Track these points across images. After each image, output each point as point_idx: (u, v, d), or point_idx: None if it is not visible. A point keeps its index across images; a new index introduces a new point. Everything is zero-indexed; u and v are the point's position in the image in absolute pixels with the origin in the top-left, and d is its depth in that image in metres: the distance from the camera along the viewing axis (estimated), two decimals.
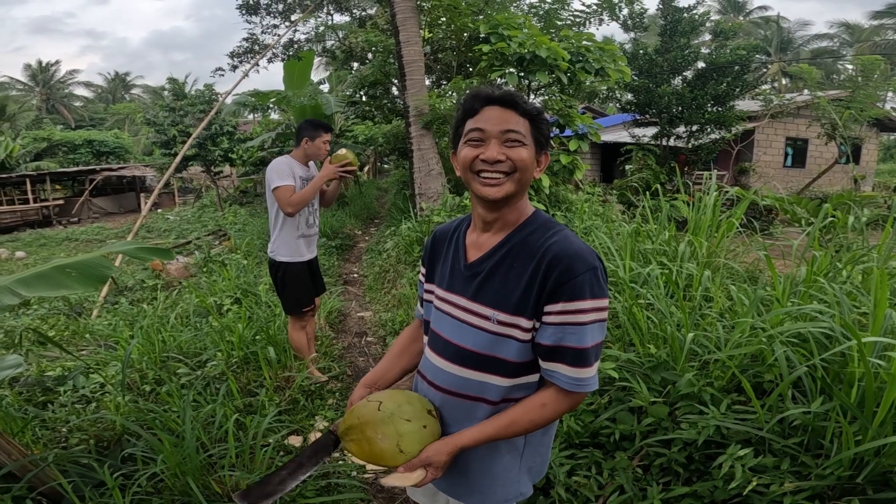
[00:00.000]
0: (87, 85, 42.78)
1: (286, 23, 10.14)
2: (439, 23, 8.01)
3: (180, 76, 34.47)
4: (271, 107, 15.35)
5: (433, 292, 1.29)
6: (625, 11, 8.99)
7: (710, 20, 13.57)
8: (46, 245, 15.15)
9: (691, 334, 2.25)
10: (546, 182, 5.98)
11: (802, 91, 15.64)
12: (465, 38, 7.81)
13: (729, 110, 11.13)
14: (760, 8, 32.83)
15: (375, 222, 11.09)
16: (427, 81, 7.47)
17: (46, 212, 19.80)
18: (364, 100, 10.73)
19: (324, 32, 10.97)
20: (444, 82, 8.83)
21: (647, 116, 12.02)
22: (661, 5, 11.40)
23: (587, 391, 1.11)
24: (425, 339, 1.32)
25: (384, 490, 2.44)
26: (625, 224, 4.34)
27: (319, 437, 1.27)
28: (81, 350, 4.17)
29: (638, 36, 12.22)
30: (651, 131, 12.14)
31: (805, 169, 14.66)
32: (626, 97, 12.89)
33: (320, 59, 17.48)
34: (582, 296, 1.06)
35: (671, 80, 11.60)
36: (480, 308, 1.15)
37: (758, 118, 12.76)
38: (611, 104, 20.05)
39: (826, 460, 1.64)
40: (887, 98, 17.10)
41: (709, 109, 11.11)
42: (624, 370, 2.31)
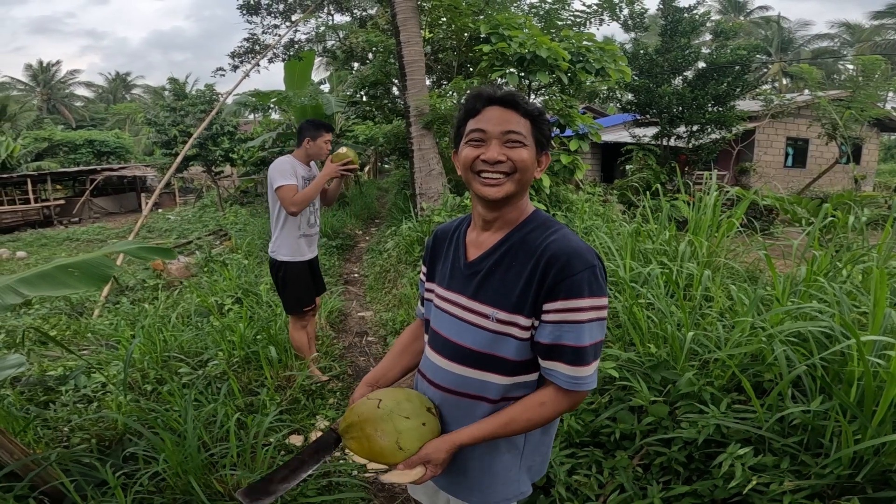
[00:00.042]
0: (88, 85, 42.89)
1: (287, 23, 10.15)
2: (440, 23, 8.01)
3: (181, 76, 34.52)
4: (272, 107, 15.37)
5: (434, 291, 1.29)
6: (625, 11, 8.96)
7: (711, 20, 13.57)
8: (47, 245, 15.16)
9: (691, 334, 2.25)
10: (547, 182, 5.98)
11: (803, 91, 15.64)
12: (466, 39, 7.81)
13: (729, 110, 11.12)
14: (761, 8, 32.82)
15: (376, 222, 11.09)
16: (428, 81, 7.47)
17: (47, 212, 19.82)
18: (365, 100, 10.73)
19: (324, 32, 10.97)
20: (445, 82, 8.82)
21: (648, 116, 12.02)
22: (662, 5, 11.40)
23: (586, 390, 1.11)
24: (426, 338, 1.33)
25: (385, 489, 2.44)
26: (625, 224, 4.34)
27: (321, 436, 1.28)
28: (83, 350, 4.18)
29: (638, 36, 12.21)
30: (651, 131, 12.14)
31: (806, 169, 14.65)
32: (627, 97, 12.90)
33: (321, 60, 17.48)
34: (580, 294, 1.06)
35: (672, 80, 11.60)
36: (480, 306, 1.15)
37: (758, 118, 12.76)
38: (611, 104, 20.09)
39: (826, 459, 1.65)
40: (888, 98, 17.08)
41: (709, 109, 11.10)
42: (624, 369, 2.31)
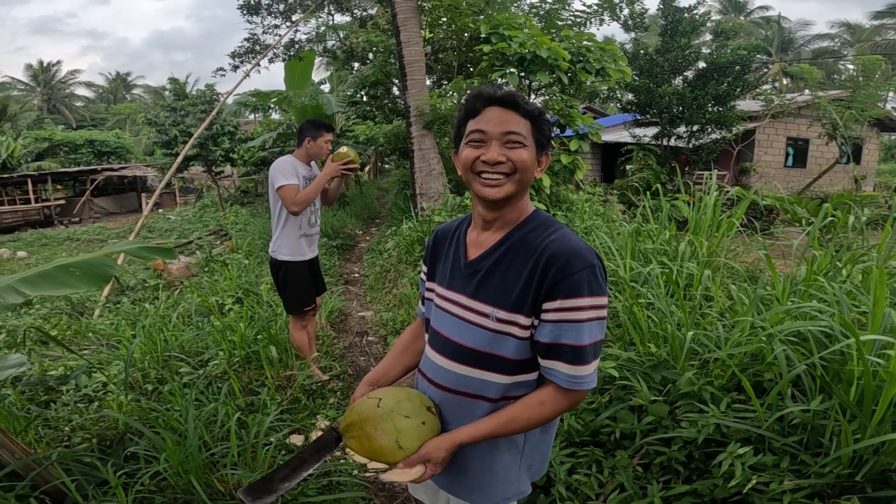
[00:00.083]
0: (89, 85, 42.90)
1: (287, 23, 10.15)
2: (440, 23, 8.01)
3: (181, 76, 34.61)
4: (272, 107, 15.36)
5: (434, 290, 1.29)
6: (625, 11, 8.97)
7: (711, 20, 13.57)
8: (48, 245, 15.16)
9: (691, 333, 2.26)
10: (547, 182, 5.99)
11: (803, 91, 15.65)
12: (466, 39, 7.81)
13: (730, 110, 11.12)
14: (761, 8, 32.80)
15: (376, 222, 11.09)
16: (428, 81, 7.47)
17: (48, 212, 19.82)
18: (365, 100, 10.73)
19: (325, 32, 10.97)
20: (445, 82, 8.82)
21: (648, 116, 12.02)
22: (662, 5, 11.39)
23: (585, 389, 1.11)
24: (426, 338, 1.33)
25: (385, 488, 2.45)
26: (625, 224, 4.35)
27: (322, 435, 1.28)
28: (83, 349, 4.19)
29: (639, 36, 12.20)
30: (652, 131, 12.13)
31: (806, 169, 14.64)
32: (627, 97, 12.88)
33: (321, 60, 17.47)
34: (580, 293, 1.06)
35: (672, 80, 11.60)
36: (480, 305, 1.16)
37: (759, 118, 12.75)
38: (611, 104, 20.09)
39: (825, 458, 1.65)
40: (888, 98, 17.07)
41: (709, 109, 11.10)
42: (624, 369, 2.32)
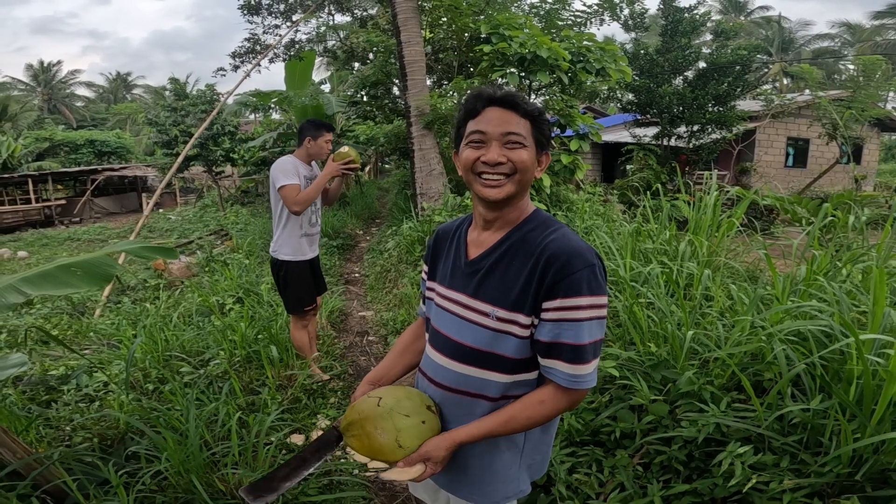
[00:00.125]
0: (89, 85, 42.92)
1: (287, 23, 10.15)
2: (440, 23, 8.01)
3: (182, 76, 34.51)
4: (273, 107, 15.36)
5: (435, 290, 1.30)
6: (626, 11, 8.98)
7: (711, 20, 13.55)
8: (48, 245, 15.17)
9: (691, 333, 2.26)
10: (547, 182, 5.99)
11: (804, 91, 15.64)
12: (467, 39, 7.82)
13: (730, 110, 11.11)
14: (762, 8, 32.77)
15: (377, 222, 11.10)
16: (428, 81, 7.47)
17: (48, 211, 19.83)
18: (365, 100, 10.73)
19: (325, 33, 10.98)
20: (446, 82, 8.82)
21: (648, 116, 12.02)
22: (662, 5, 11.39)
23: (585, 388, 1.11)
24: (427, 337, 1.34)
25: (386, 488, 2.45)
26: (625, 223, 4.35)
27: (323, 434, 1.28)
28: (84, 349, 4.19)
29: (639, 36, 12.20)
30: (652, 131, 12.13)
31: (806, 169, 14.64)
32: (627, 97, 12.88)
33: (321, 60, 17.47)
34: (579, 292, 1.06)
35: (672, 80, 11.59)
36: (480, 304, 1.16)
37: (759, 118, 12.75)
38: (612, 104, 20.08)
39: (825, 457, 1.65)
40: (888, 98, 17.06)
41: (710, 109, 11.09)
42: (624, 368, 2.32)
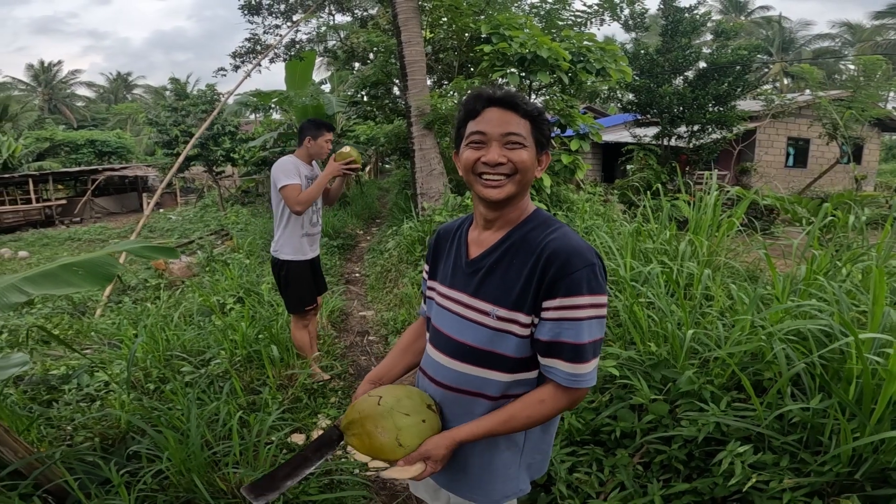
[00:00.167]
0: (89, 85, 42.99)
1: (288, 23, 10.15)
2: (441, 23, 8.01)
3: (182, 76, 34.57)
4: (273, 107, 15.37)
5: (435, 289, 1.30)
6: (626, 12, 8.97)
7: (712, 20, 13.55)
8: (49, 245, 15.18)
9: (691, 332, 2.26)
10: (547, 182, 5.99)
11: (804, 91, 15.66)
12: (467, 39, 7.82)
13: (730, 110, 11.11)
14: (762, 8, 32.77)
15: (377, 222, 11.10)
16: (429, 81, 7.47)
17: (49, 211, 19.83)
18: (365, 100, 10.73)
19: (325, 33, 10.98)
20: (446, 82, 8.82)
21: (649, 116, 12.02)
22: (663, 5, 11.39)
23: (585, 387, 1.11)
24: (427, 336, 1.34)
25: (386, 487, 2.46)
26: (626, 223, 4.36)
27: (324, 432, 1.29)
28: (86, 349, 4.20)
29: (639, 36, 12.20)
30: (652, 131, 12.13)
31: (807, 169, 14.63)
32: (628, 97, 12.88)
33: (322, 60, 17.49)
34: (579, 291, 1.07)
35: (672, 80, 11.59)
36: (481, 304, 1.16)
37: (759, 118, 12.75)
38: (612, 104, 20.08)
39: (825, 457, 1.65)
40: (889, 98, 17.06)
41: (710, 109, 11.09)
42: (625, 368, 2.32)
